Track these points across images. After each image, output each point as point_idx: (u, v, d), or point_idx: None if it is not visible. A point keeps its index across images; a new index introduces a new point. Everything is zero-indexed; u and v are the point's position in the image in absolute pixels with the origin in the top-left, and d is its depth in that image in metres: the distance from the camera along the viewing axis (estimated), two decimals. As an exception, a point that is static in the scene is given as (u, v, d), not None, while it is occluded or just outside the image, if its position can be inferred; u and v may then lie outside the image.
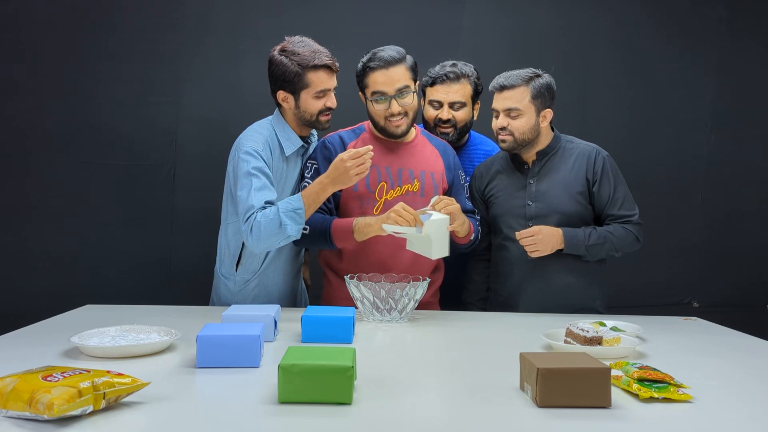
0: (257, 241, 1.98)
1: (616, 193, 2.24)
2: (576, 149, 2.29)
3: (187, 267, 2.97)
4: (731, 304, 3.14)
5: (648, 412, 1.22)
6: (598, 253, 2.21)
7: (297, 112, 2.15)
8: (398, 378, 1.41)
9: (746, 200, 3.22)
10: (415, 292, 1.93)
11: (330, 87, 2.14)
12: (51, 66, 2.90)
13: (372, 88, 2.15)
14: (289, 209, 1.98)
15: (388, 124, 2.17)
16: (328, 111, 2.16)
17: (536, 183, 2.27)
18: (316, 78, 2.10)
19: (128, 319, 1.80)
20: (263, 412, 1.17)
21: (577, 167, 2.25)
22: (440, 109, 2.40)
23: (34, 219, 2.92)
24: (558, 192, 2.23)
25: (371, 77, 2.15)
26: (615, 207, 2.24)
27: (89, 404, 1.10)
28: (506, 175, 2.33)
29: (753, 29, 3.21)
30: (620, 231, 2.21)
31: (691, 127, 3.19)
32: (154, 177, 2.96)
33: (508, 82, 2.21)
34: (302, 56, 2.09)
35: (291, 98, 2.14)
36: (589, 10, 3.14)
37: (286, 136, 2.17)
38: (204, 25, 2.97)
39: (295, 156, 2.20)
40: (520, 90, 2.20)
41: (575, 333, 1.63)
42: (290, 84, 2.11)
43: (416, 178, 2.22)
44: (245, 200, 2.01)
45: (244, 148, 2.09)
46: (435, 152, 2.30)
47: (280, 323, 1.81)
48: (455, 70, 2.39)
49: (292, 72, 2.09)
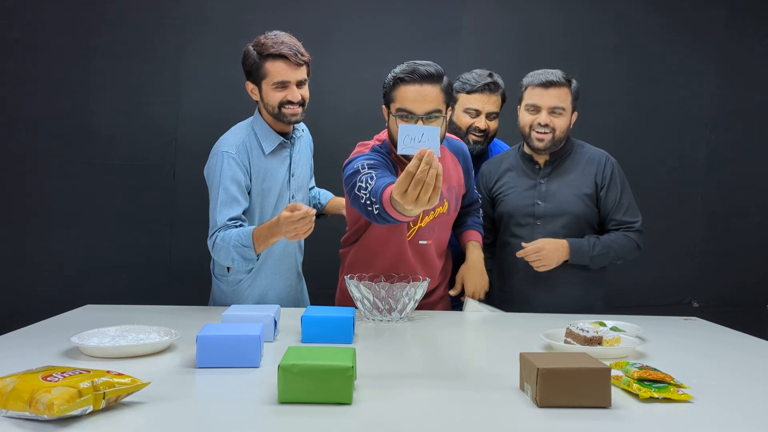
0: (217, 259, 2.08)
1: (622, 199, 2.26)
2: (587, 153, 2.31)
3: (187, 267, 2.97)
4: (731, 304, 3.14)
5: (648, 412, 1.21)
6: (601, 262, 2.23)
7: (263, 105, 2.16)
8: (398, 378, 1.41)
9: (746, 200, 3.22)
10: (415, 292, 1.93)
11: (289, 79, 2.10)
12: (51, 66, 2.90)
13: (399, 104, 1.91)
14: (239, 244, 2.00)
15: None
16: (291, 104, 2.12)
17: (546, 183, 2.28)
18: (272, 68, 2.09)
19: (128, 319, 1.80)
20: (263, 412, 1.17)
21: (587, 171, 2.27)
22: (476, 117, 2.44)
23: (34, 219, 2.92)
24: (568, 193, 2.25)
25: (400, 91, 1.91)
26: (620, 213, 2.25)
27: (89, 404, 1.10)
28: (516, 174, 2.33)
29: (753, 29, 3.21)
30: (622, 239, 2.23)
31: (691, 127, 3.19)
32: (154, 177, 2.96)
33: (554, 79, 2.19)
34: (263, 46, 2.09)
35: (256, 89, 2.15)
36: (589, 11, 3.14)
37: (265, 135, 2.16)
38: (204, 25, 2.97)
39: (279, 150, 2.18)
40: (564, 90, 2.21)
41: (575, 333, 1.63)
42: (252, 75, 2.13)
43: (445, 198, 2.11)
44: (211, 215, 2.08)
45: (216, 149, 2.13)
46: (454, 159, 2.18)
47: (280, 323, 1.81)
48: (495, 81, 2.43)
49: (252, 61, 2.11)
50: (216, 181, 2.09)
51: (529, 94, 2.24)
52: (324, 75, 2.24)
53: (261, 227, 1.98)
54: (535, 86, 2.22)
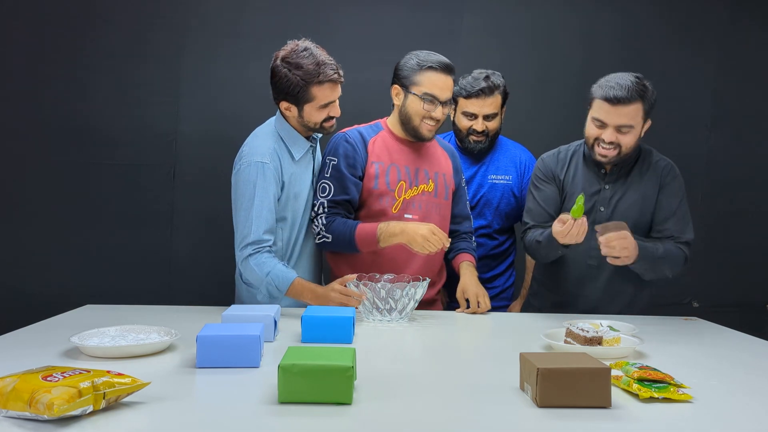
0: (244, 273, 2.07)
1: (680, 209, 2.16)
2: (653, 161, 2.21)
3: (188, 267, 2.97)
4: (731, 304, 3.14)
5: (648, 412, 1.21)
6: (659, 269, 2.13)
7: (300, 120, 2.13)
8: (398, 378, 1.41)
9: (746, 200, 3.22)
10: (415, 292, 1.93)
11: (334, 99, 2.10)
12: (51, 66, 2.90)
13: (426, 89, 2.13)
14: (274, 285, 2.00)
15: (423, 125, 2.18)
16: (332, 118, 2.14)
17: (611, 189, 2.19)
18: (320, 93, 2.06)
19: (128, 319, 1.80)
20: (263, 412, 1.17)
21: (650, 179, 2.18)
22: (474, 120, 2.47)
23: (34, 219, 2.92)
24: (631, 202, 2.17)
25: (429, 76, 2.13)
26: (672, 222, 2.15)
27: (89, 404, 1.10)
28: (583, 173, 2.22)
29: (754, 29, 3.21)
30: (674, 250, 2.12)
31: (691, 126, 3.19)
32: (154, 177, 2.96)
33: (624, 95, 2.00)
34: (306, 70, 2.02)
35: (294, 108, 2.10)
36: (588, 11, 3.14)
37: (293, 141, 2.14)
38: (204, 25, 2.97)
39: (304, 156, 2.18)
40: (635, 106, 2.03)
41: (575, 333, 1.63)
42: (293, 97, 2.07)
43: (431, 178, 2.26)
44: (242, 224, 2.04)
45: (248, 158, 2.06)
46: (444, 154, 2.36)
47: (280, 323, 1.81)
48: (490, 84, 2.43)
49: (295, 86, 2.04)
50: (250, 192, 2.03)
51: (596, 107, 2.07)
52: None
53: (304, 286, 2.00)
54: (598, 98, 2.06)
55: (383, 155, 2.21)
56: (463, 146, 2.55)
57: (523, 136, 2.73)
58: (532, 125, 2.98)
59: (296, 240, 2.17)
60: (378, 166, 2.19)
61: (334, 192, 2.15)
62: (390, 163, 2.20)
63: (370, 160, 2.19)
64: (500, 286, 2.57)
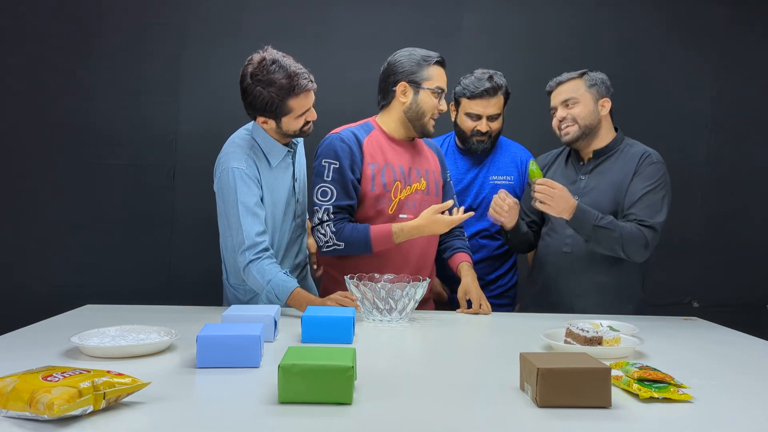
0: (246, 279, 2.05)
1: (649, 194, 2.18)
2: (631, 150, 2.28)
3: (187, 267, 2.97)
4: (731, 304, 3.13)
5: (648, 412, 1.22)
6: (602, 239, 2.13)
7: (279, 130, 2.11)
8: (398, 378, 1.41)
9: (746, 200, 3.22)
10: (415, 292, 1.93)
11: (310, 105, 2.09)
12: (51, 66, 2.90)
13: (437, 83, 2.20)
14: (273, 292, 1.99)
15: (430, 121, 2.22)
16: (309, 122, 2.12)
17: (587, 179, 2.28)
18: (297, 104, 2.04)
19: (128, 319, 1.80)
20: (263, 412, 1.17)
21: (626, 168, 2.24)
22: (478, 121, 2.47)
23: (34, 219, 2.92)
24: (605, 191, 2.23)
25: (437, 72, 2.20)
26: (640, 206, 2.17)
27: (89, 404, 1.10)
28: (562, 168, 2.38)
29: (754, 29, 3.21)
30: (633, 229, 2.13)
31: (691, 127, 3.19)
32: (154, 177, 2.96)
33: (562, 78, 2.30)
34: (280, 86, 1.99)
35: (272, 122, 2.08)
36: (589, 11, 3.14)
37: (270, 148, 2.12)
38: (204, 25, 2.98)
39: (282, 161, 2.17)
40: (573, 82, 2.28)
41: (575, 333, 1.63)
42: (271, 113, 2.05)
43: (422, 176, 2.27)
44: (236, 230, 2.03)
45: (225, 165, 2.06)
46: (431, 152, 2.38)
47: (280, 323, 1.81)
48: (494, 84, 2.44)
49: (272, 103, 2.01)
50: (232, 198, 2.03)
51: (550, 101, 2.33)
52: (323, 75, 2.24)
53: (303, 296, 1.99)
54: (549, 91, 2.33)
55: (378, 156, 2.20)
56: (465, 147, 2.54)
57: (523, 136, 2.73)
58: (531, 125, 2.98)
59: (278, 246, 2.17)
60: (374, 167, 2.18)
61: (338, 196, 2.13)
62: (385, 164, 2.19)
63: (365, 161, 2.17)
64: (503, 286, 2.57)
